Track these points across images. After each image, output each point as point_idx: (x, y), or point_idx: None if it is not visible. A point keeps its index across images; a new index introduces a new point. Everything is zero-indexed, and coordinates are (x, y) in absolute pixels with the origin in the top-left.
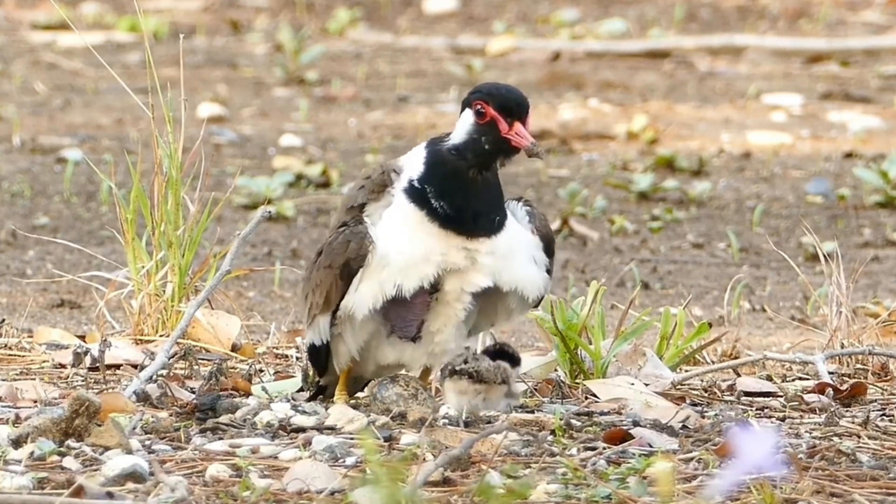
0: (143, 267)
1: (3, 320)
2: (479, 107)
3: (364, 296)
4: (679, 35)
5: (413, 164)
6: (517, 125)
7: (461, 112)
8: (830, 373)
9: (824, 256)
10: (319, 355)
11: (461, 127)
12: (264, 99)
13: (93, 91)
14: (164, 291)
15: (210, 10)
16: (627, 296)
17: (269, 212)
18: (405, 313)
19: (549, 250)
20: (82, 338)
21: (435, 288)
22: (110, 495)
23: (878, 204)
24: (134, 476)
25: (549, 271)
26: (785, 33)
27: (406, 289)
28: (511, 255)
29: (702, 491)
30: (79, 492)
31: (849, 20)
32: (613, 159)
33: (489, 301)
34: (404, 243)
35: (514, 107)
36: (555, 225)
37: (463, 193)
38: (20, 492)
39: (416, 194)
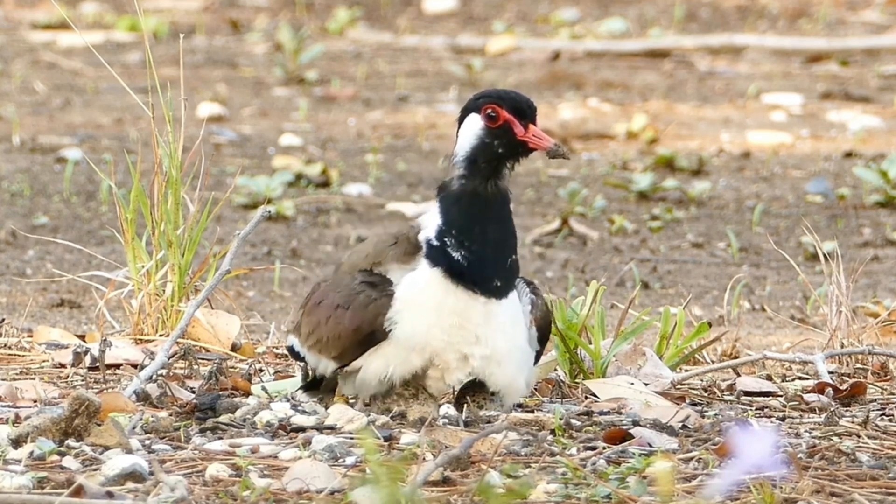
0: (142, 266)
1: (3, 320)
2: (490, 110)
3: (371, 372)
4: (679, 35)
5: (430, 221)
6: (532, 127)
7: (460, 120)
8: (830, 372)
9: (824, 256)
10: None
11: (468, 133)
12: (264, 98)
13: (93, 91)
14: (163, 291)
15: (210, 9)
16: (627, 295)
17: (269, 211)
18: None
19: (542, 341)
20: (82, 337)
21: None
22: (110, 495)
23: (877, 203)
24: (134, 476)
25: (538, 355)
26: (785, 33)
27: (396, 376)
28: (505, 361)
29: (702, 491)
30: (78, 491)
31: (848, 20)
32: (613, 159)
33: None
34: (416, 327)
35: (527, 109)
36: (555, 224)
37: (481, 223)
38: (20, 491)
39: (434, 251)
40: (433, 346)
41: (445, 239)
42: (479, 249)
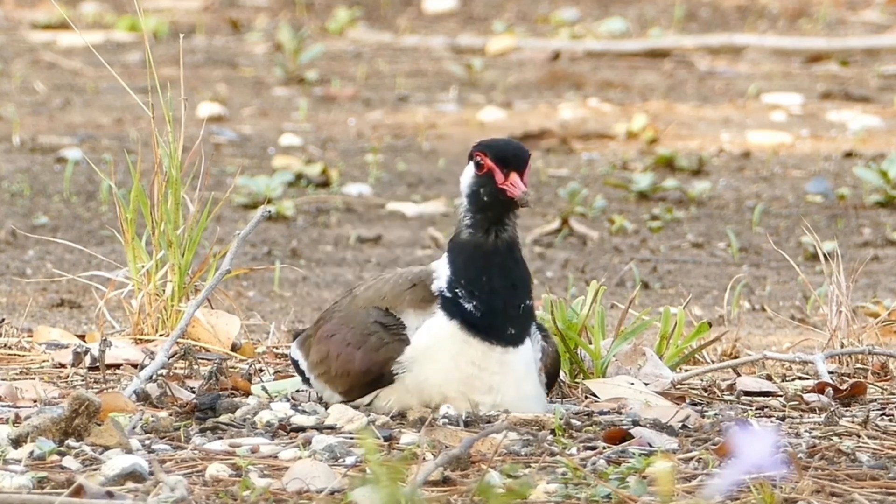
0: (142, 266)
1: (3, 320)
2: (478, 158)
3: (379, 406)
4: (679, 35)
5: (441, 270)
6: (513, 175)
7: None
8: (830, 372)
9: (824, 256)
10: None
11: (464, 181)
12: (264, 98)
13: (92, 90)
14: (163, 291)
15: (210, 9)
16: (627, 295)
17: (269, 211)
18: None
19: (550, 385)
20: (82, 337)
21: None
22: (110, 495)
23: (877, 203)
24: (134, 475)
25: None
26: (785, 33)
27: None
28: (514, 409)
29: (702, 490)
30: (78, 491)
31: (848, 20)
32: (613, 159)
33: None
34: (432, 376)
35: (511, 157)
36: (554, 224)
37: (487, 274)
38: (20, 491)
39: (449, 303)
40: (445, 393)
41: (457, 290)
42: (489, 299)
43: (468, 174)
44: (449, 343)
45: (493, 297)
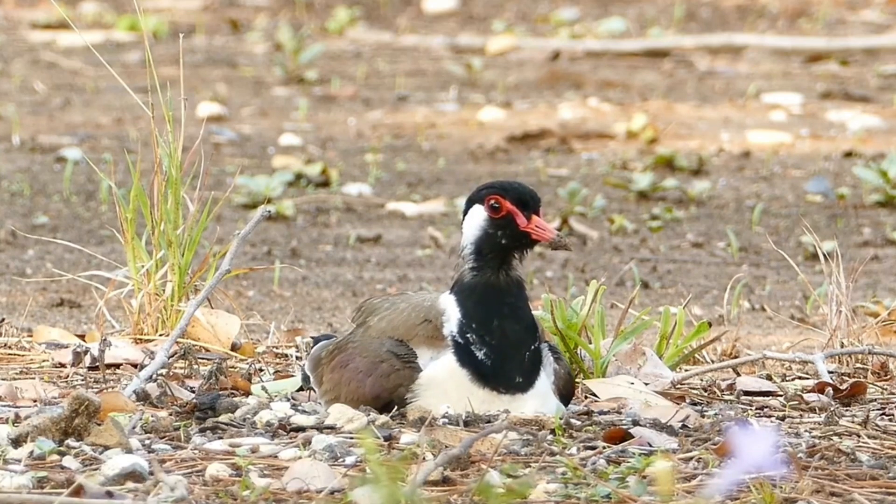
0: (142, 266)
1: (3, 319)
2: (493, 202)
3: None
4: (678, 34)
5: (451, 311)
6: (535, 218)
7: (465, 212)
8: (830, 372)
9: (824, 255)
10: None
11: (472, 224)
12: (264, 98)
13: (92, 90)
14: (163, 291)
15: (210, 9)
16: (627, 295)
17: (269, 211)
18: None
19: (566, 402)
20: (82, 337)
21: None
22: (110, 494)
23: (877, 203)
24: (133, 475)
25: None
26: (784, 32)
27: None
28: None
29: (701, 490)
30: (78, 491)
31: (848, 19)
32: (613, 158)
33: None
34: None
35: (530, 200)
36: (555, 224)
37: (499, 316)
38: (20, 491)
39: (461, 351)
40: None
41: (468, 335)
42: (500, 345)
43: (477, 217)
44: (456, 389)
45: (503, 342)
